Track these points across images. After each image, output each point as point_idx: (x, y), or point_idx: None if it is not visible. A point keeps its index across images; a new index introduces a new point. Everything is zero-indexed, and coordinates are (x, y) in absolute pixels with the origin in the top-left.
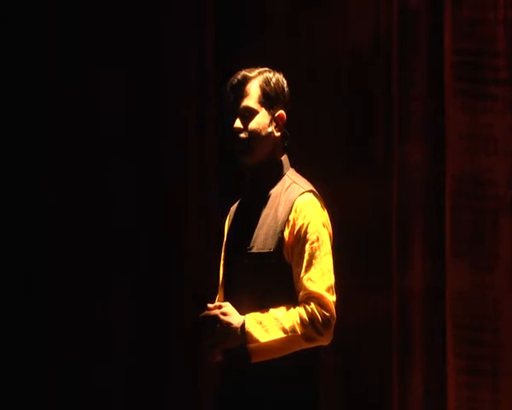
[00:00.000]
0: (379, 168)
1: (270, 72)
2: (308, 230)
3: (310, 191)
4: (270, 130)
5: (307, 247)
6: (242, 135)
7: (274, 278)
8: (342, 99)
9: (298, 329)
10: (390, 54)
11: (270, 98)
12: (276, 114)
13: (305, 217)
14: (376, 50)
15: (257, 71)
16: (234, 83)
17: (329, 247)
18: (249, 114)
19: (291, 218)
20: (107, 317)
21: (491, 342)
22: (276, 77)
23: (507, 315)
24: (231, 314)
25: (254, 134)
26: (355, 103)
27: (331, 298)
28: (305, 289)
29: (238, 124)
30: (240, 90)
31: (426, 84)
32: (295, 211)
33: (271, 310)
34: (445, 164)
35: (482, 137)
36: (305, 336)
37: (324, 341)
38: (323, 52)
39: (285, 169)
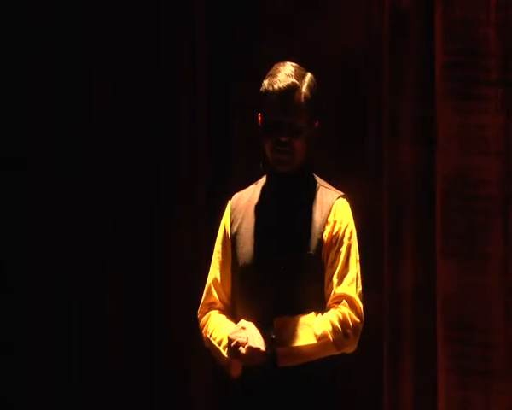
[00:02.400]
0: (370, 168)
1: (309, 75)
2: (345, 233)
3: (344, 196)
4: (308, 142)
5: (343, 249)
6: (287, 150)
7: (310, 279)
8: (334, 100)
9: (329, 335)
10: (381, 55)
11: (313, 110)
12: (314, 126)
13: (342, 221)
14: (369, 51)
15: (300, 73)
16: (283, 89)
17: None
18: (297, 131)
19: (330, 220)
20: (107, 316)
21: (483, 343)
22: (314, 81)
23: (498, 316)
24: (254, 335)
25: (298, 152)
26: (347, 104)
27: (361, 304)
28: (338, 290)
29: (285, 138)
30: (289, 100)
31: (417, 85)
32: (334, 213)
33: (302, 316)
34: (437, 164)
35: (474, 137)
36: (336, 343)
37: (351, 348)
38: (317, 53)
39: (313, 173)
